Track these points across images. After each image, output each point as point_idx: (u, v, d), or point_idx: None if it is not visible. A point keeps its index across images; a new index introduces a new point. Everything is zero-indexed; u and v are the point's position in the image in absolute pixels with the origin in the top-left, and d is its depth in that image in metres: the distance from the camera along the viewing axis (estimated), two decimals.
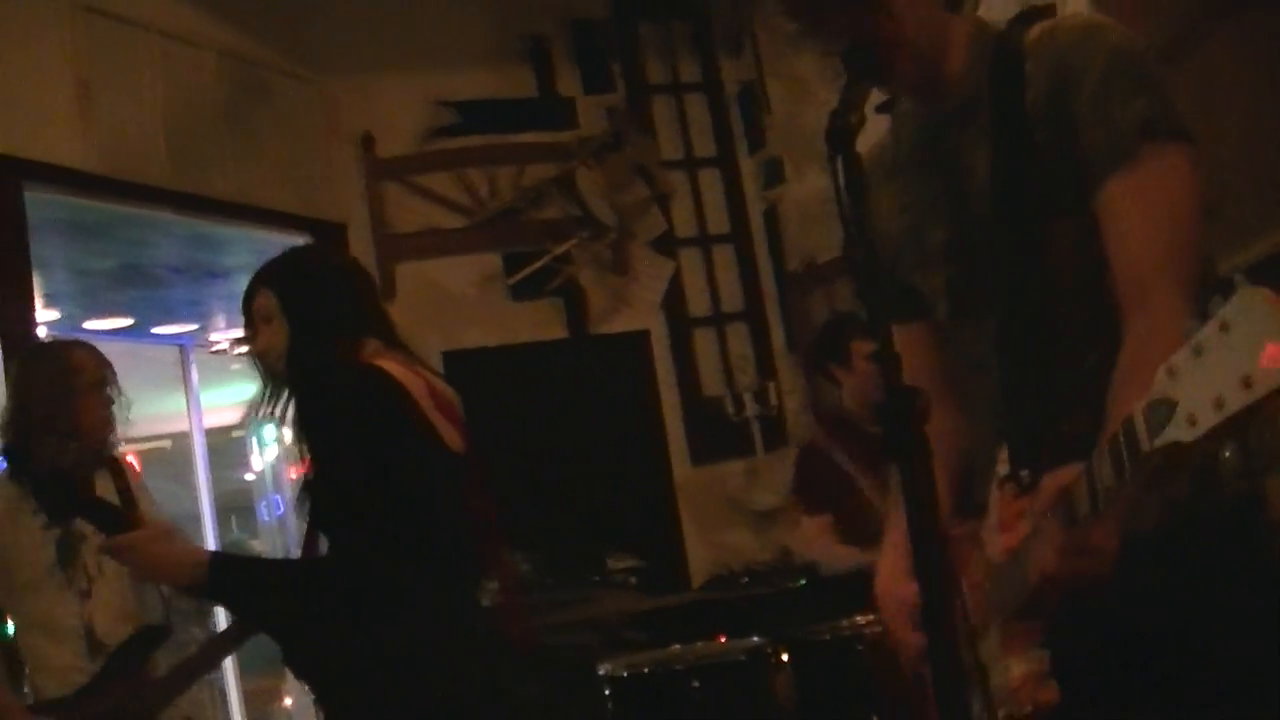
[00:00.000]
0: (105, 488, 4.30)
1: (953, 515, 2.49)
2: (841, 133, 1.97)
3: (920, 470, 1.82)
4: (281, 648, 3.37)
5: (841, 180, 1.96)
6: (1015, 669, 2.20)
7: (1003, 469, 2.29)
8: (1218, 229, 2.31)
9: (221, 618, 5.15)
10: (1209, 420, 1.48)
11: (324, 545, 3.31)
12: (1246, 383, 1.42)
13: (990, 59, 2.33)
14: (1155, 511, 1.91)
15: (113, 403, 4.56)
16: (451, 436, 3.30)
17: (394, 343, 3.44)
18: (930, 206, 2.45)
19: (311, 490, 3.29)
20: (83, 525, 4.28)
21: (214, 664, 4.81)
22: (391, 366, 3.25)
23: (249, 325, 3.51)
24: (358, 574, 3.07)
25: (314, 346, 3.34)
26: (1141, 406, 1.59)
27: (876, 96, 2.18)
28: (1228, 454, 1.56)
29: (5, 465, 4.48)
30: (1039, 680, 2.16)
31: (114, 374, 4.63)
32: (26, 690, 4.45)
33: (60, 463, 4.35)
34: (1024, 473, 2.22)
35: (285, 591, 3.19)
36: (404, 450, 3.17)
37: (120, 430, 4.58)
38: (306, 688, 3.40)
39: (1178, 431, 1.52)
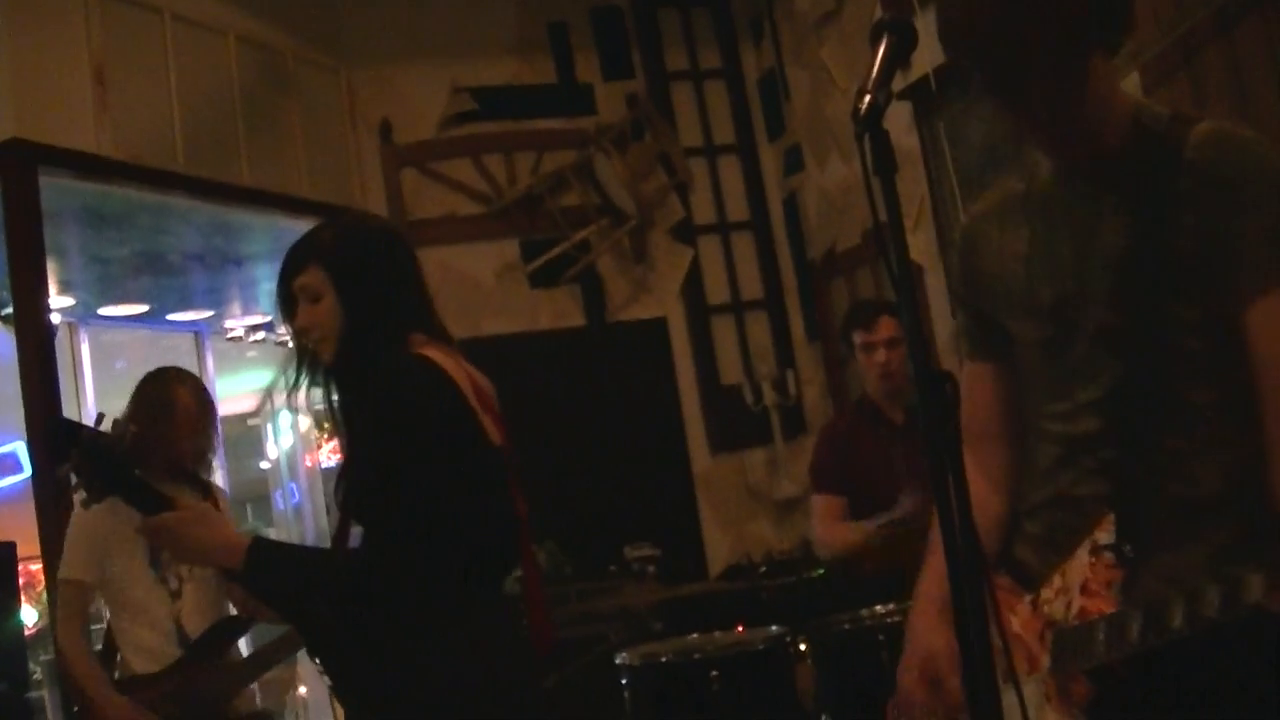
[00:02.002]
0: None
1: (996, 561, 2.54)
2: (870, 110, 1.93)
3: (952, 454, 1.78)
4: (307, 638, 3.34)
5: (869, 160, 1.91)
6: None
7: (1102, 536, 2.32)
8: None
9: None
10: None
11: (355, 535, 3.26)
12: None
13: (1154, 139, 2.34)
14: None
15: (208, 439, 5.00)
16: (492, 430, 3.25)
17: (438, 332, 3.36)
18: (1050, 263, 2.45)
19: (349, 479, 3.23)
20: None
21: (284, 655, 5.18)
22: (439, 357, 3.18)
23: (288, 301, 3.33)
24: (396, 568, 3.02)
25: (370, 333, 3.22)
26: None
27: (900, 80, 2.15)
28: None
29: None
30: None
31: (213, 412, 5.08)
32: (117, 668, 4.83)
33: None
34: (1127, 547, 2.28)
35: (321, 581, 3.14)
36: (451, 446, 3.11)
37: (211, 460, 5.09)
38: (326, 679, 3.36)
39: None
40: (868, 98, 1.94)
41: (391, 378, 3.13)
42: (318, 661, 3.29)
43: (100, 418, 3.25)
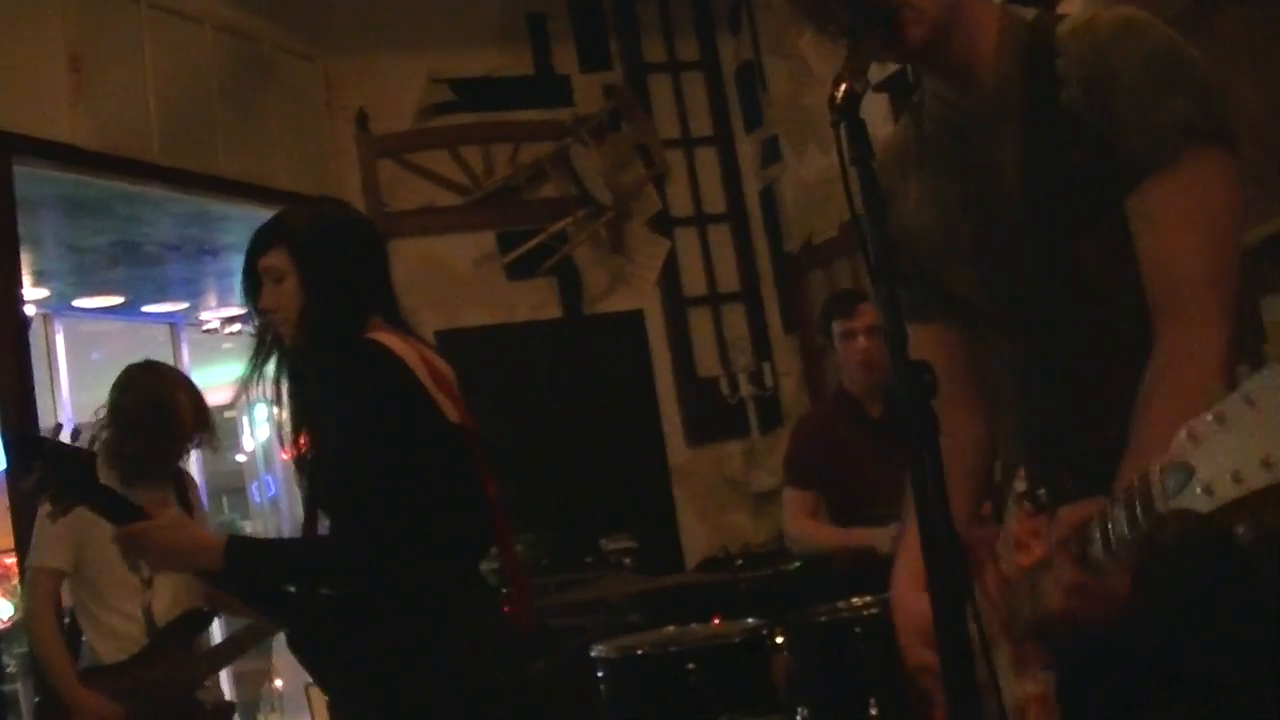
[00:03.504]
0: (167, 498, 4.78)
1: (970, 524, 2.43)
2: (847, 97, 1.91)
3: (929, 448, 1.77)
4: (288, 632, 3.34)
5: (846, 150, 1.89)
6: (1020, 689, 2.18)
7: (1021, 485, 2.25)
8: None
9: None
10: (1226, 493, 1.45)
11: (323, 525, 3.26)
12: (1266, 463, 1.40)
13: (1022, 51, 2.24)
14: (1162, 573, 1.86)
15: (199, 445, 5.12)
16: (450, 409, 3.25)
17: (395, 318, 3.37)
18: (958, 202, 2.35)
19: (312, 468, 3.24)
20: None
21: (251, 645, 5.24)
22: (391, 341, 3.19)
23: (253, 282, 3.37)
24: (363, 550, 3.02)
25: (329, 318, 3.24)
26: (1159, 466, 1.56)
27: (878, 71, 2.12)
28: (1241, 529, 1.53)
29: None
30: (1043, 703, 2.15)
31: (209, 419, 5.13)
32: (81, 656, 4.89)
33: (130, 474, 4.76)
34: (1041, 491, 2.18)
35: (300, 573, 3.15)
36: (409, 426, 3.11)
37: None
38: (306, 671, 3.36)
39: (1193, 499, 1.50)
40: (844, 85, 1.92)
41: (341, 361, 3.14)
42: (298, 653, 3.29)
43: (58, 428, 3.24)
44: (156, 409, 4.85)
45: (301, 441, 3.30)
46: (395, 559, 3.02)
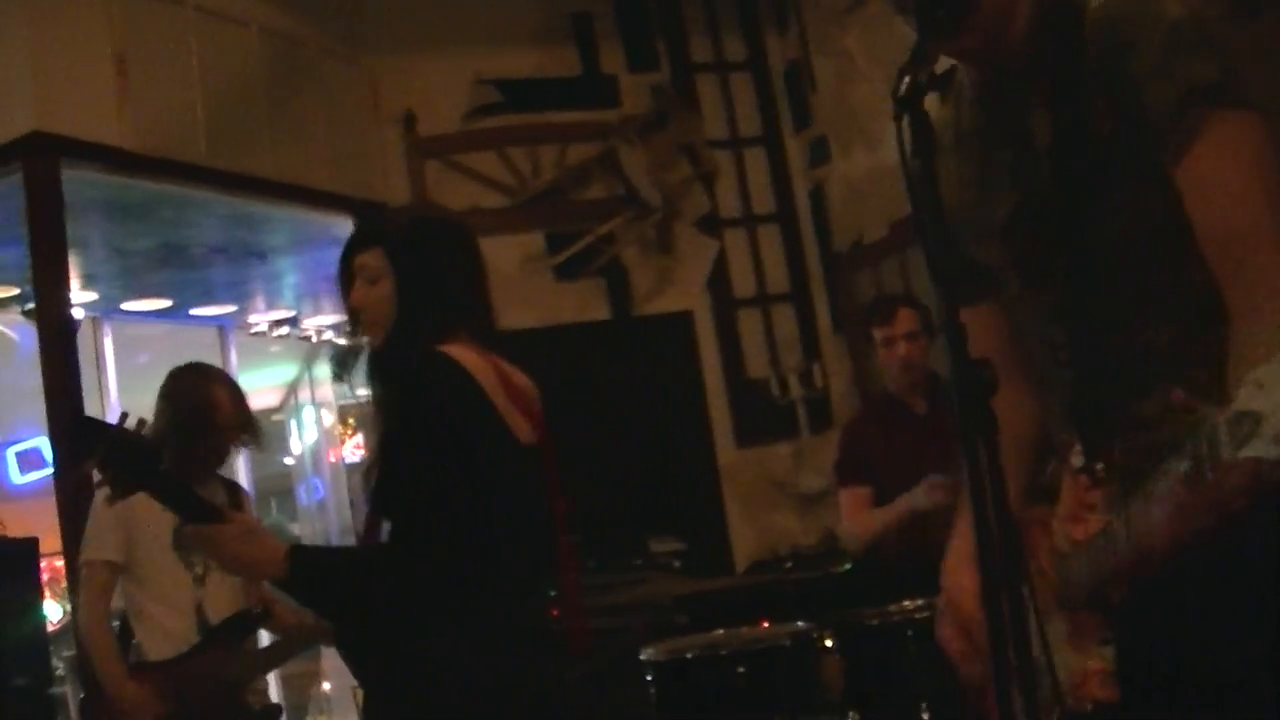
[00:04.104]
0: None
1: (1024, 499, 2.43)
2: (911, 90, 1.87)
3: (988, 447, 1.73)
4: (343, 638, 3.32)
5: (908, 143, 1.86)
6: (1078, 664, 2.16)
7: (1077, 460, 2.21)
8: None
9: None
10: None
11: (384, 531, 3.23)
12: None
13: (1052, 24, 2.24)
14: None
15: (244, 444, 5.03)
16: (523, 428, 3.20)
17: (486, 329, 3.33)
18: (994, 179, 2.36)
19: (377, 473, 3.21)
20: None
21: (299, 649, 5.27)
22: (462, 354, 3.15)
23: (347, 277, 3.33)
24: (416, 563, 2.99)
25: (417, 326, 3.19)
26: (1227, 414, 1.54)
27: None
28: None
29: None
30: (1102, 678, 2.12)
31: (252, 418, 5.08)
32: (131, 652, 4.86)
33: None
34: (1099, 466, 2.16)
35: (363, 582, 3.12)
36: (467, 440, 3.07)
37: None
38: (352, 673, 3.35)
39: (1262, 447, 1.48)
40: (907, 79, 1.89)
41: (409, 372, 3.11)
42: (350, 660, 3.27)
43: (124, 417, 3.22)
44: (196, 409, 4.83)
45: (358, 445, 3.28)
46: (441, 574, 2.99)
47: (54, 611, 8.92)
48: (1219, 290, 2.10)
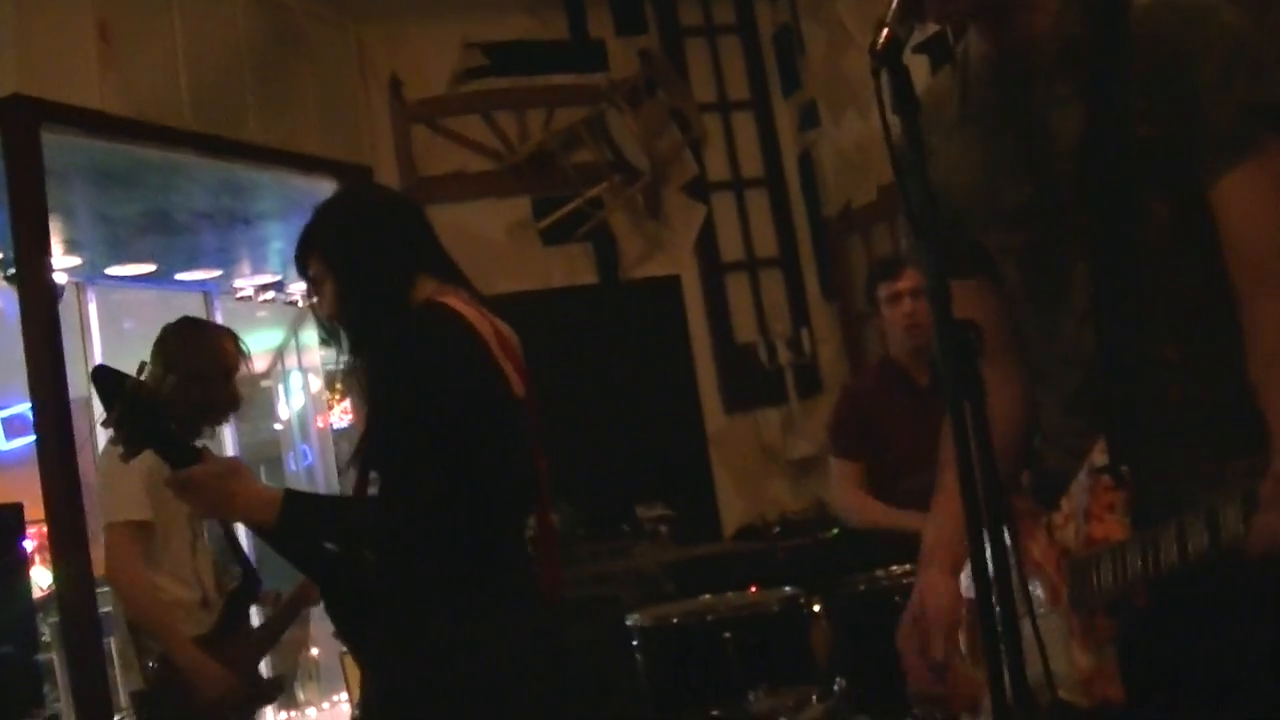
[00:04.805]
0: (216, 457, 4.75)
1: (1011, 490, 2.43)
2: (889, 44, 1.85)
3: (975, 414, 1.70)
4: (327, 594, 3.32)
5: (887, 98, 1.83)
6: (1083, 661, 2.17)
7: (1099, 458, 2.21)
8: None
9: None
10: None
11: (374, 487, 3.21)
12: None
13: (1092, 15, 2.21)
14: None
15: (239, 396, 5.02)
16: (514, 380, 3.20)
17: (454, 278, 3.31)
18: (1006, 164, 2.32)
19: (366, 430, 3.19)
20: None
21: (293, 619, 5.14)
22: (457, 304, 3.14)
23: (310, 293, 3.39)
24: (409, 516, 2.97)
25: (361, 297, 3.21)
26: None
27: (918, 32, 2.05)
28: None
29: None
30: (1107, 677, 2.13)
31: (250, 365, 5.15)
32: None
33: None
34: (1124, 468, 2.16)
35: (349, 533, 3.10)
36: (469, 390, 3.05)
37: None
38: (341, 639, 3.33)
39: None
40: (886, 31, 1.86)
41: (408, 327, 3.09)
42: (336, 619, 3.26)
43: (143, 366, 3.20)
44: (212, 358, 4.84)
45: (345, 409, 3.29)
46: (440, 524, 2.97)
47: (44, 578, 8.89)
48: (1239, 304, 2.12)
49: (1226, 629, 2.09)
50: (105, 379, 3.18)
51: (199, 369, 4.72)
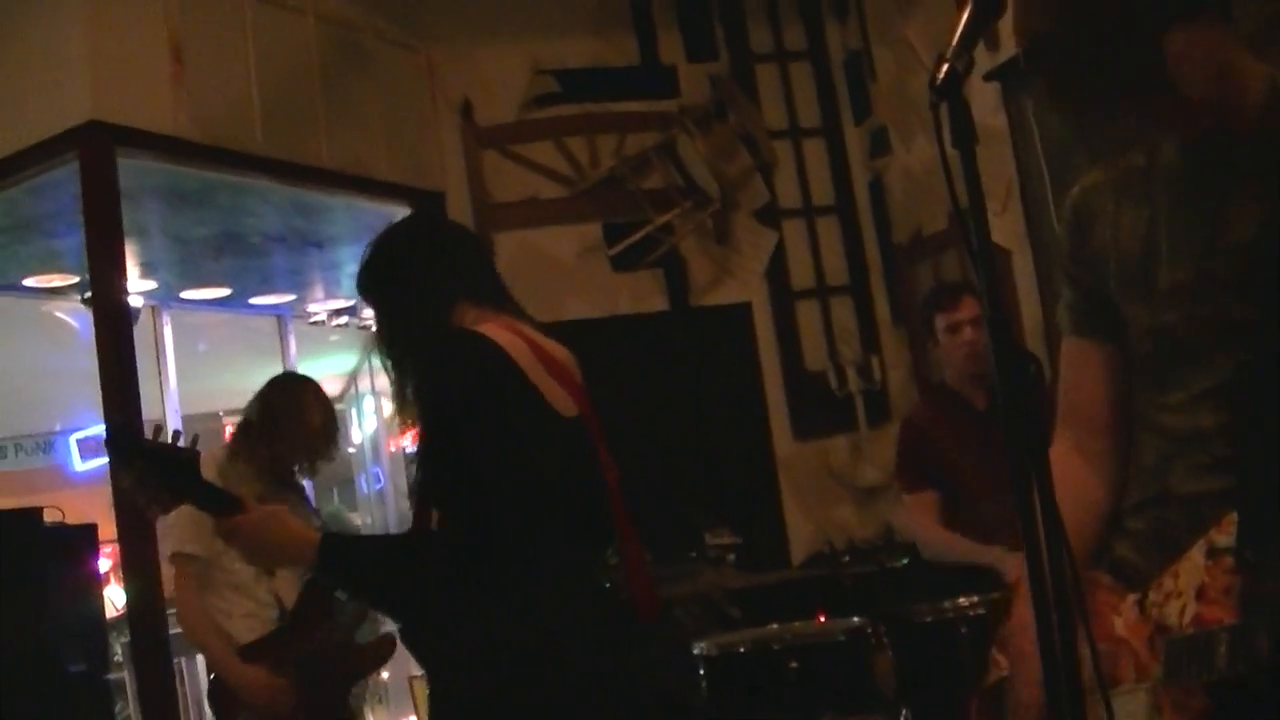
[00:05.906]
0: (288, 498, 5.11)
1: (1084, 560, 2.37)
2: (948, 78, 1.84)
3: (1036, 466, 1.68)
4: (398, 624, 3.34)
5: (946, 133, 1.82)
6: None
7: (1220, 538, 2.17)
8: None
9: None
10: None
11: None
12: None
13: None
14: None
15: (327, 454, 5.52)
16: (562, 400, 3.19)
17: (497, 304, 3.32)
18: (1165, 243, 2.31)
19: (419, 463, 3.22)
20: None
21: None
22: (491, 329, 3.15)
23: None
24: (462, 546, 2.98)
25: (397, 329, 3.27)
26: None
27: (988, 60, 2.05)
28: None
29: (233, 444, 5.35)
30: None
31: (336, 437, 5.67)
32: None
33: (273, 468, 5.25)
34: (1249, 551, 2.12)
35: (393, 570, 3.12)
36: (504, 417, 3.06)
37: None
38: (418, 662, 3.36)
39: None
40: (945, 65, 1.85)
41: (432, 354, 3.13)
42: (410, 646, 3.28)
43: (177, 435, 3.25)
44: (285, 414, 5.26)
45: (415, 435, 3.33)
46: (494, 554, 2.97)
47: (120, 597, 8.96)
48: None
49: None
50: (118, 445, 3.24)
51: (281, 430, 5.24)
